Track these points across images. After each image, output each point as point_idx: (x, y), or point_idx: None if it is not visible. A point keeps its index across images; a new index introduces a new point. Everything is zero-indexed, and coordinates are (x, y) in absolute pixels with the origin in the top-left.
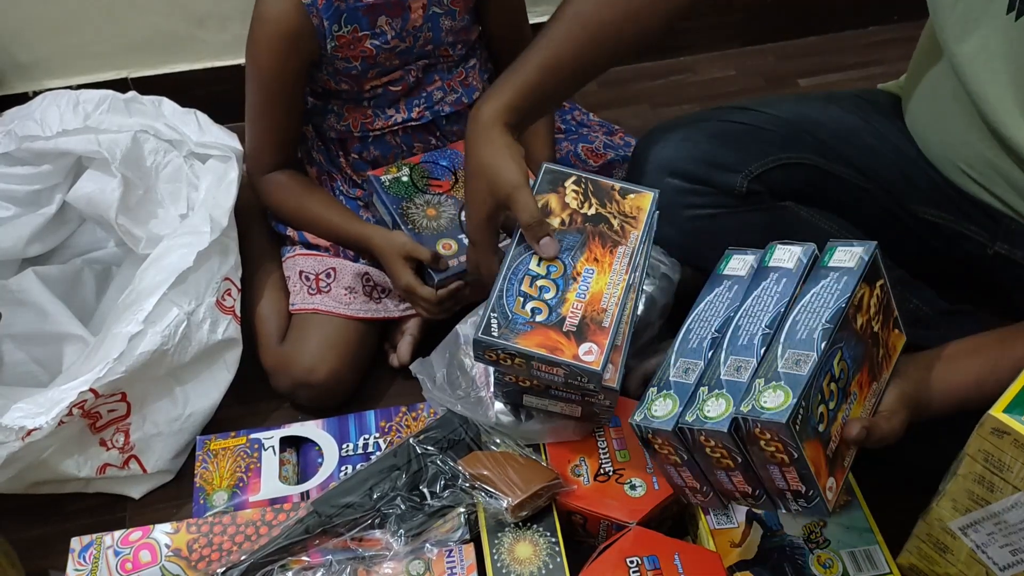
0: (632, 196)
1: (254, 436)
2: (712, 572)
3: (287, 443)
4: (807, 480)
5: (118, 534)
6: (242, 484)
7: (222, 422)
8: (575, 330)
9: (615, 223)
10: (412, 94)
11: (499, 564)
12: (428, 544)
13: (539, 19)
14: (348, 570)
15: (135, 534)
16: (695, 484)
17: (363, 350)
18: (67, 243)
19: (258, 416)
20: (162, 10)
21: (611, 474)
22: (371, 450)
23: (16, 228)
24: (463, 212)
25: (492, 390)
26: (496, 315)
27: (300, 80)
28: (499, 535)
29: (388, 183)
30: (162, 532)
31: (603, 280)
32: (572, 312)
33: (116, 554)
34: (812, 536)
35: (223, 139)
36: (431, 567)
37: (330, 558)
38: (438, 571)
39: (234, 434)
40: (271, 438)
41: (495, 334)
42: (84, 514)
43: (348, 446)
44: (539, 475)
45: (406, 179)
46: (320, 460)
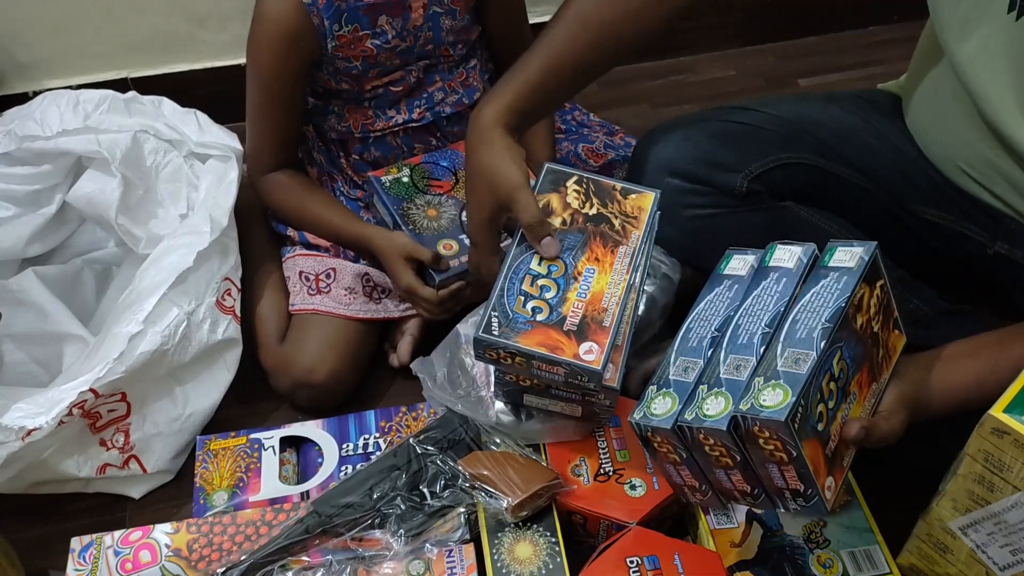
0: (634, 196)
1: (254, 436)
2: (712, 572)
3: (287, 443)
4: (805, 479)
5: (118, 534)
6: (242, 484)
7: (222, 422)
8: (576, 329)
9: (616, 223)
10: (413, 95)
11: (499, 564)
12: (428, 544)
13: (539, 19)
14: (348, 570)
15: (135, 534)
16: (694, 483)
17: (363, 350)
18: (67, 243)
19: (258, 416)
20: (162, 10)
21: (611, 474)
22: (371, 450)
23: (16, 228)
24: (464, 212)
25: (492, 389)
26: (497, 314)
27: (301, 80)
28: (499, 535)
29: (389, 184)
30: (162, 532)
31: (604, 280)
32: (573, 311)
33: (116, 554)
34: (812, 536)
35: (223, 139)
36: (431, 567)
37: (330, 558)
38: (438, 571)
39: (234, 434)
40: (271, 438)
41: (496, 333)
42: (84, 514)
43: (348, 446)
44: (539, 475)
45: (407, 180)
46: (320, 460)
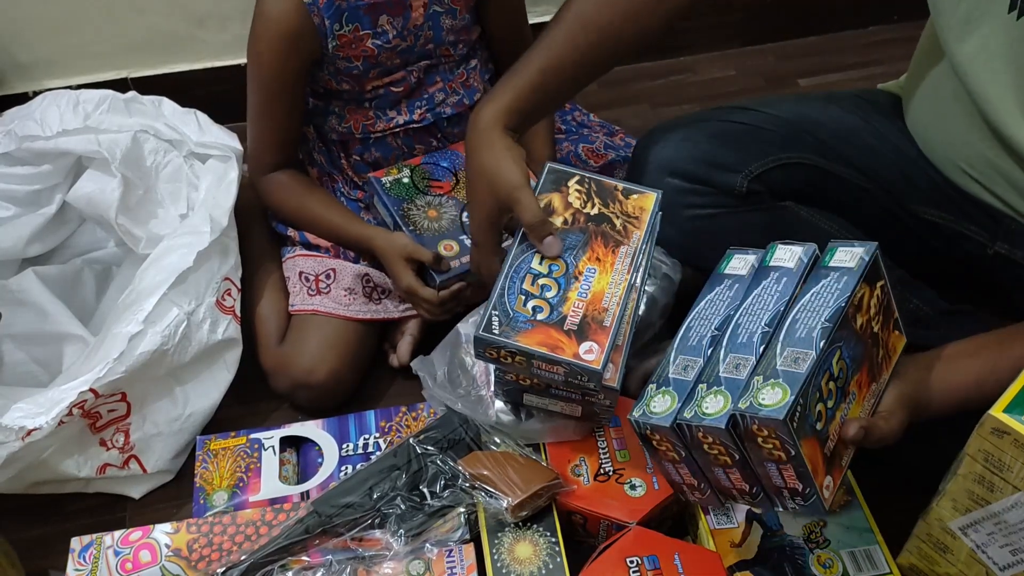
0: (635, 196)
1: (254, 436)
2: (712, 572)
3: (287, 443)
4: (804, 478)
5: (118, 534)
6: (242, 484)
7: (222, 422)
8: (576, 329)
9: (618, 223)
10: (413, 95)
11: (499, 564)
12: (428, 544)
13: (539, 19)
14: (348, 570)
15: (135, 534)
16: (693, 481)
17: (363, 351)
18: (67, 243)
19: (258, 416)
20: (162, 10)
21: (611, 474)
22: (371, 450)
23: (16, 228)
24: (465, 213)
25: (492, 389)
26: (497, 313)
27: (301, 80)
28: (499, 535)
29: (389, 184)
30: (162, 532)
31: (605, 279)
32: (573, 311)
33: (116, 554)
34: (812, 536)
35: (223, 139)
36: (431, 567)
37: (330, 558)
38: (438, 571)
39: (234, 434)
40: (271, 438)
41: (496, 331)
42: (84, 514)
43: (348, 446)
44: (539, 475)
45: (407, 180)
46: (320, 460)
